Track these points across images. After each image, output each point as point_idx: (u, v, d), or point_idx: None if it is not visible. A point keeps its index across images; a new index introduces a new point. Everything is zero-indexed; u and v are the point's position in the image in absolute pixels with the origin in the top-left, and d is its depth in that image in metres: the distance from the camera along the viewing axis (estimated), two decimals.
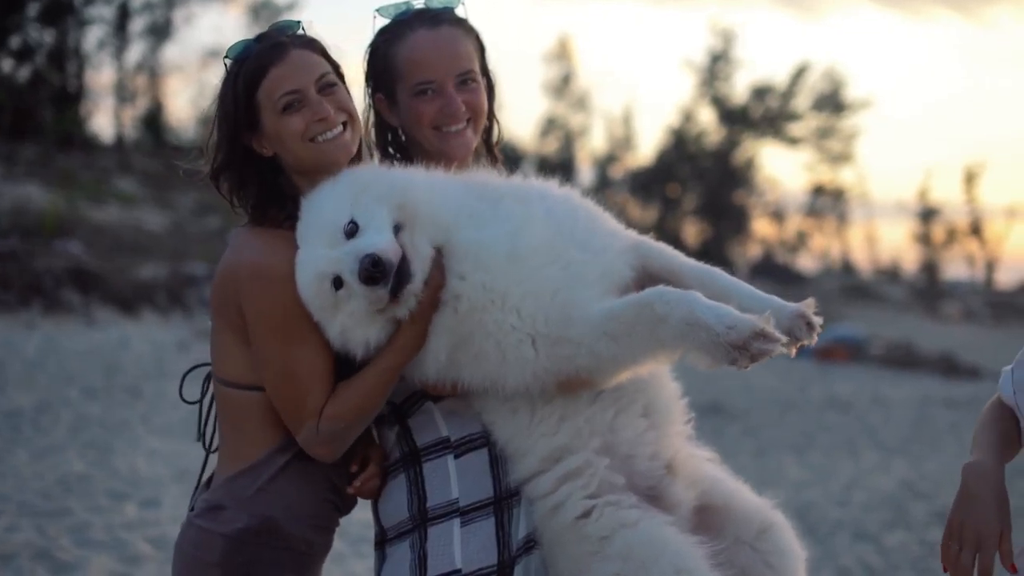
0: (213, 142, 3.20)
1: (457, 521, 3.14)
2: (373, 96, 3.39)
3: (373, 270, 2.86)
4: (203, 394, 3.40)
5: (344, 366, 3.09)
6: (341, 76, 3.25)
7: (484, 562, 3.12)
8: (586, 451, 3.07)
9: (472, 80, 3.34)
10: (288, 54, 3.13)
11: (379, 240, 2.91)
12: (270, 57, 3.12)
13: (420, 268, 2.95)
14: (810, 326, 3.02)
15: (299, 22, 3.27)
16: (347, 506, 3.34)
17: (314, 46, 3.19)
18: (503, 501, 3.17)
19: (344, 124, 3.18)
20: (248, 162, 3.19)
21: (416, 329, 3.00)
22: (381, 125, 3.42)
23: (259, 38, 3.19)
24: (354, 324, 2.98)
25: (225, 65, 3.19)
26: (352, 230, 2.97)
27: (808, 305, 3.04)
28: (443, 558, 3.11)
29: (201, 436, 3.41)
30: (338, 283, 2.94)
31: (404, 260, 2.92)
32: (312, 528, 3.24)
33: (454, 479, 3.16)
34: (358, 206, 2.99)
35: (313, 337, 3.03)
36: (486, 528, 3.14)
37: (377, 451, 3.28)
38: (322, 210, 3.04)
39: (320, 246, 2.99)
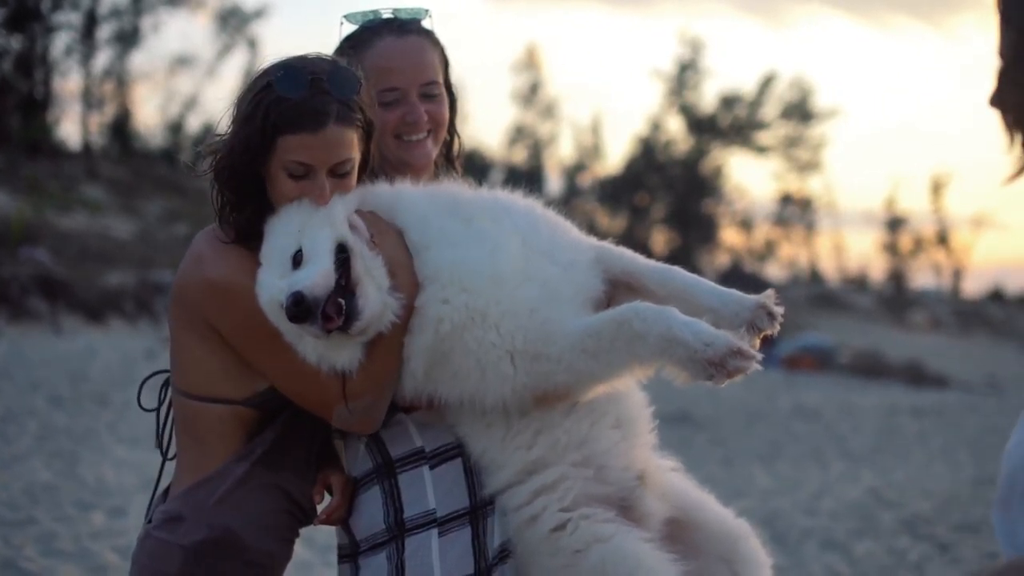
0: (225, 140, 3.07)
1: (435, 531, 3.13)
2: None
3: (295, 309, 2.82)
4: (160, 401, 3.38)
5: None
6: (371, 133, 3.12)
7: (463, 571, 3.12)
8: (562, 464, 3.08)
9: (436, 91, 3.35)
10: (325, 128, 2.98)
11: (305, 276, 2.87)
12: (308, 121, 2.97)
13: (370, 302, 2.92)
14: (771, 316, 3.04)
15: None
16: (307, 517, 3.31)
17: (356, 123, 3.04)
18: (478, 511, 3.17)
19: None
20: (252, 181, 3.08)
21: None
22: None
23: (313, 89, 2.98)
24: (326, 349, 2.97)
25: (268, 81, 3.01)
26: (299, 259, 2.94)
27: (768, 296, 3.07)
28: (422, 568, 3.10)
29: (159, 444, 3.38)
30: None
31: (352, 297, 2.89)
32: (272, 539, 3.21)
33: (430, 490, 3.15)
34: (305, 233, 2.96)
35: None
36: (463, 538, 3.14)
37: (340, 478, 3.26)
38: (276, 235, 3.01)
39: (273, 274, 2.96)
